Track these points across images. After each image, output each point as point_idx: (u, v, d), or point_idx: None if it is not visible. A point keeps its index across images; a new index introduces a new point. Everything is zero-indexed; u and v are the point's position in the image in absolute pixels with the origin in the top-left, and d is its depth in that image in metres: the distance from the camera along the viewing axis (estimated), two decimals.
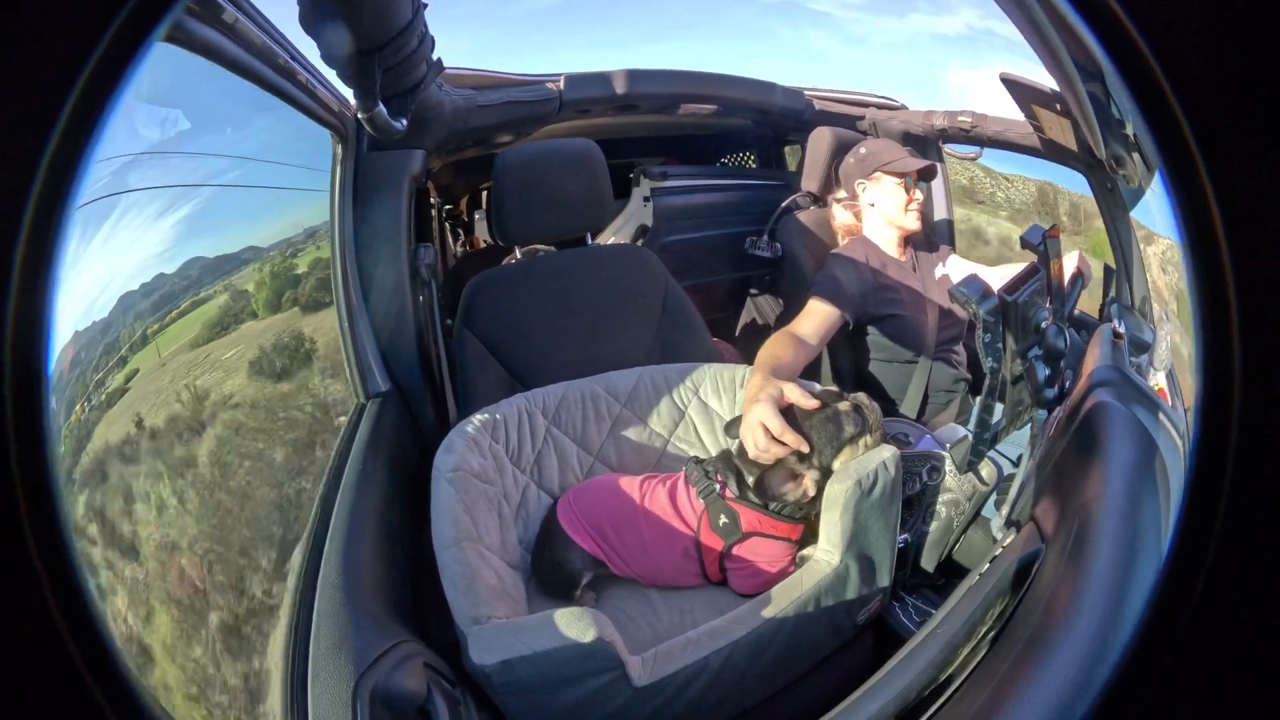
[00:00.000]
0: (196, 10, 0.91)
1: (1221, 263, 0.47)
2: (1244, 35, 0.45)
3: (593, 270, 2.06)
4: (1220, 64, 0.46)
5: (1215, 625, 0.50)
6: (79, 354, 0.86)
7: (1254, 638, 0.49)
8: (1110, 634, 0.65)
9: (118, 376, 0.94)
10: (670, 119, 3.00)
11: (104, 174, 0.84)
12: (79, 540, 0.59)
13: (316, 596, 1.09)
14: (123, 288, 0.96)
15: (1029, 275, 1.12)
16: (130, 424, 0.96)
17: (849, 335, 2.20)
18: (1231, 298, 0.47)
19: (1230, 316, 0.47)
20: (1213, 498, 0.49)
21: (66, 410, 0.84)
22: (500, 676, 1.11)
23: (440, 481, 1.39)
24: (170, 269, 1.10)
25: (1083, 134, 1.43)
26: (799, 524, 1.45)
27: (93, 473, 0.86)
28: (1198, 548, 0.49)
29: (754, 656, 1.24)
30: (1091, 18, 0.49)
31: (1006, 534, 1.15)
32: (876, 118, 2.85)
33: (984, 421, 1.20)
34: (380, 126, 1.59)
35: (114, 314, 0.93)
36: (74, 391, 0.84)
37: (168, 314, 1.09)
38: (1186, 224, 0.48)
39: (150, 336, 1.03)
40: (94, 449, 0.87)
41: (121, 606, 0.84)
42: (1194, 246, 0.48)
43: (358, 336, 1.79)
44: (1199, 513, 0.49)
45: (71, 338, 0.83)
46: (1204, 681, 0.51)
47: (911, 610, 1.52)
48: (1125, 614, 0.67)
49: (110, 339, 0.93)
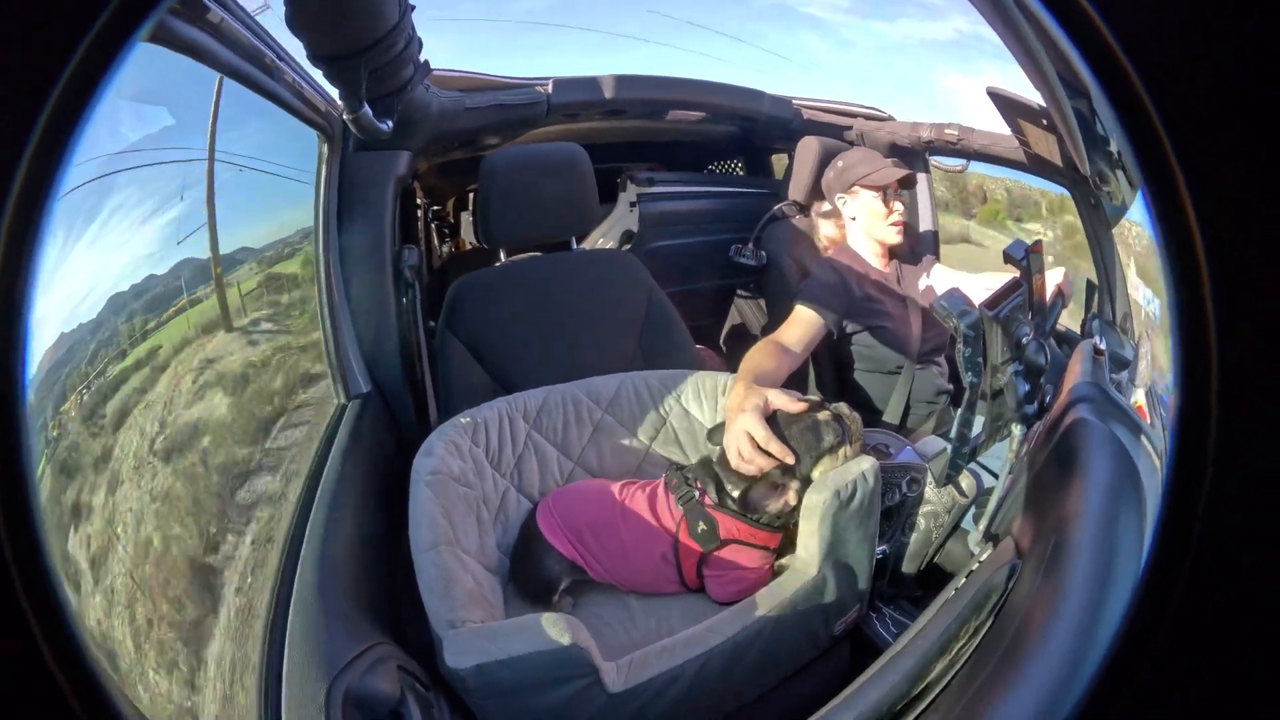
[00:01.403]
0: (181, 10, 0.90)
1: (1201, 280, 0.47)
2: (1228, 52, 0.46)
3: (577, 275, 2.06)
4: (1204, 81, 0.47)
5: (1191, 642, 0.50)
6: (64, 356, 0.85)
7: (1229, 655, 0.50)
8: (1085, 650, 0.66)
9: (104, 378, 0.93)
10: (658, 125, 3.00)
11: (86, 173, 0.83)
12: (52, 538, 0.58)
13: (292, 597, 1.08)
14: (112, 288, 0.96)
15: (1011, 290, 1.12)
16: (110, 424, 0.95)
17: (832, 344, 2.21)
18: (1210, 315, 0.47)
19: (1209, 333, 0.47)
20: (1189, 515, 0.49)
21: (54, 409, 0.83)
22: (475, 680, 1.10)
23: (419, 484, 1.39)
24: (161, 270, 1.09)
25: (1068, 150, 1.44)
26: (777, 532, 1.45)
27: (69, 470, 0.85)
28: (1173, 565, 0.50)
29: (730, 665, 1.24)
30: (1076, 34, 0.49)
31: (984, 547, 1.15)
32: (864, 128, 2.86)
33: (963, 435, 1.20)
34: (366, 127, 1.59)
35: (103, 314, 0.93)
36: (58, 392, 0.83)
37: (161, 314, 1.08)
38: (1167, 241, 0.49)
39: (140, 336, 1.02)
40: (73, 450, 0.86)
41: (94, 605, 0.83)
42: (1174, 264, 0.48)
43: (340, 337, 1.77)
44: (1175, 530, 0.50)
45: (56, 340, 0.82)
46: (1179, 698, 0.51)
47: (889, 621, 1.52)
48: (1100, 630, 0.67)
49: (100, 339, 0.92)
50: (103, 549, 0.87)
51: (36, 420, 0.79)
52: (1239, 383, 0.47)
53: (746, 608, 1.30)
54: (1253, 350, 0.47)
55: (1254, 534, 0.48)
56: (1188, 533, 0.49)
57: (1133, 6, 0.47)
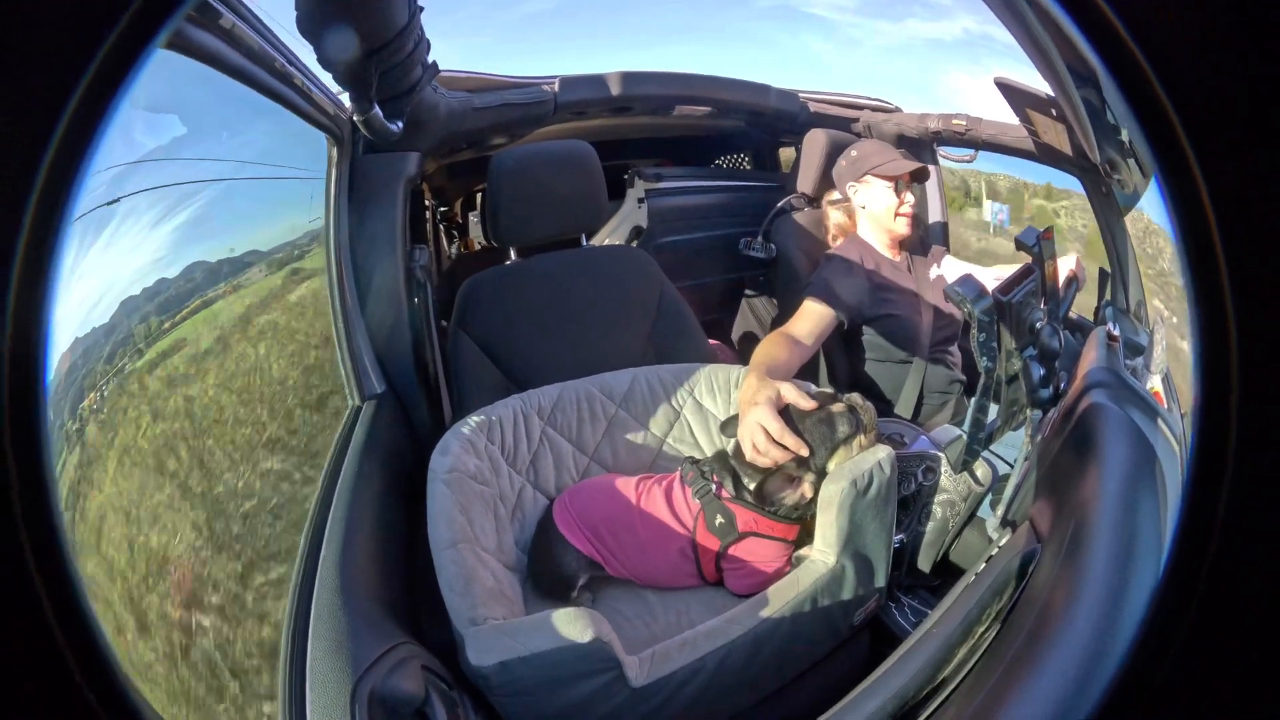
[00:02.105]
0: (195, 16, 0.91)
1: (1218, 267, 0.47)
2: (1239, 39, 0.46)
3: (587, 271, 2.07)
4: (1215, 68, 0.46)
5: (1218, 626, 0.50)
6: (80, 358, 0.85)
7: (1257, 639, 0.50)
8: (1109, 633, 0.66)
9: (118, 380, 0.94)
10: (665, 121, 3.00)
11: (103, 181, 0.84)
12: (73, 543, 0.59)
13: (313, 599, 1.09)
14: (124, 292, 0.96)
15: (1024, 276, 1.12)
16: (129, 428, 0.96)
17: (844, 336, 2.21)
18: (1228, 301, 0.47)
19: (1228, 319, 0.47)
20: (1213, 501, 0.49)
21: (71, 411, 0.84)
22: (498, 678, 1.11)
23: (436, 483, 1.39)
24: (172, 273, 1.10)
25: (1077, 139, 1.44)
26: (795, 524, 1.46)
27: (89, 476, 0.86)
28: (1198, 550, 0.50)
29: (750, 657, 1.24)
30: (1085, 23, 0.49)
31: (1002, 534, 1.15)
32: (871, 120, 2.86)
33: (979, 422, 1.20)
34: (376, 129, 1.60)
35: (117, 317, 0.93)
36: (75, 394, 0.84)
37: (174, 315, 1.09)
38: (1182, 228, 0.49)
39: (152, 339, 1.03)
40: (90, 453, 0.87)
41: (116, 610, 0.84)
42: (1190, 251, 0.48)
43: (353, 338, 1.78)
44: (1199, 515, 0.50)
45: (71, 344, 0.83)
46: (1207, 683, 0.51)
47: (908, 611, 1.52)
48: (1123, 614, 0.67)
49: (114, 342, 0.93)
50: (121, 548, 0.88)
51: (55, 420, 0.80)
52: (1259, 366, 0.47)
53: (766, 599, 1.30)
54: (1273, 333, 0.47)
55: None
56: (1212, 518, 0.49)
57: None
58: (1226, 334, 0.47)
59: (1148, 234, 1.38)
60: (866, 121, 2.87)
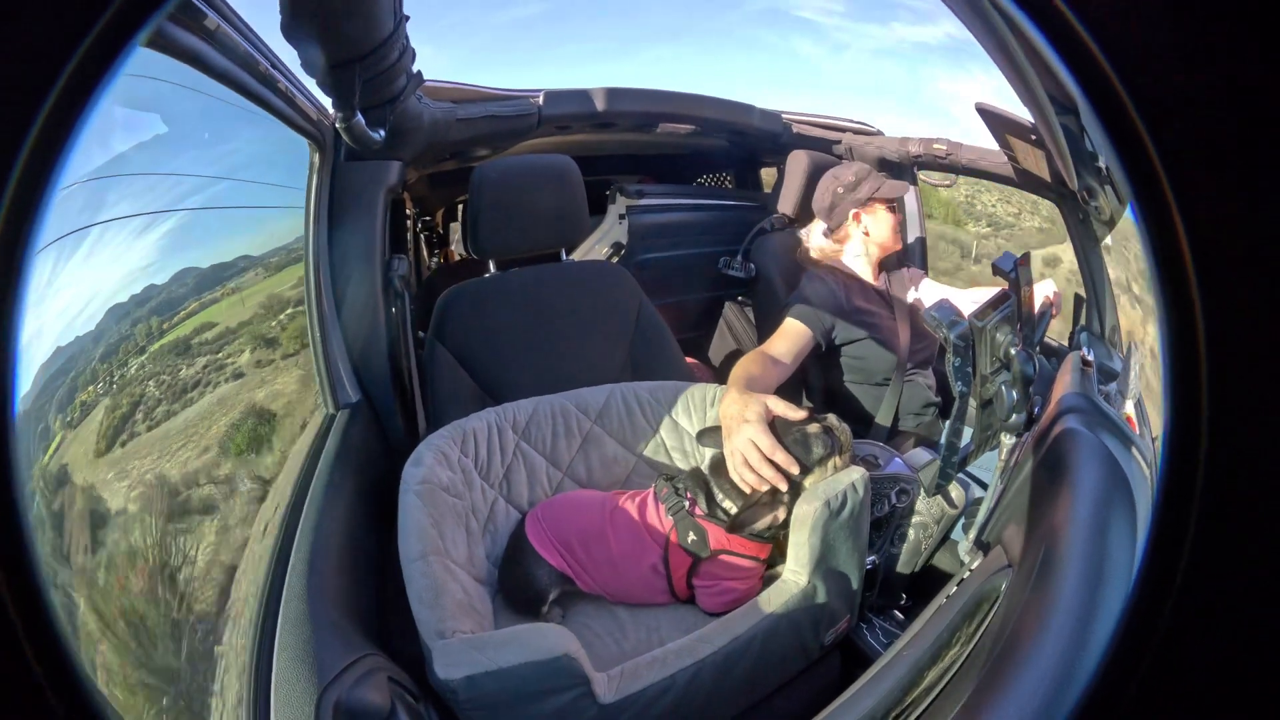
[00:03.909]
0: (178, 16, 0.90)
1: (1190, 293, 0.47)
2: (1217, 69, 0.46)
3: (566, 286, 2.07)
4: (1192, 97, 0.47)
5: (1184, 651, 0.50)
6: (63, 367, 0.84)
7: (1222, 663, 0.50)
8: (1077, 657, 0.66)
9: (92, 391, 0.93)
10: (648, 138, 3.02)
11: (80, 193, 0.83)
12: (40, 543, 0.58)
13: (281, 608, 1.08)
14: (110, 300, 0.95)
15: (1000, 302, 1.13)
16: (99, 435, 0.94)
17: (821, 356, 2.22)
18: (1199, 325, 0.48)
19: (1198, 343, 0.48)
20: (1181, 525, 0.49)
21: (55, 413, 0.83)
22: (465, 691, 1.10)
23: (408, 494, 1.38)
24: (160, 280, 1.09)
25: (1056, 165, 1.45)
26: (767, 543, 1.45)
27: (57, 478, 0.85)
28: (1166, 572, 0.50)
29: (721, 675, 1.23)
30: (1064, 50, 0.50)
31: (974, 556, 1.16)
32: (853, 143, 2.88)
33: (953, 445, 1.20)
34: (358, 137, 1.59)
35: (103, 324, 0.92)
36: (55, 403, 0.83)
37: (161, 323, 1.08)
38: (1156, 255, 0.49)
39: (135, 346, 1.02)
40: (62, 457, 0.86)
41: (81, 613, 0.83)
42: (1163, 278, 0.49)
43: (329, 346, 1.77)
44: (1167, 539, 0.50)
45: (53, 353, 0.82)
46: (1173, 706, 0.51)
47: (879, 631, 1.53)
48: (1092, 637, 0.67)
49: (100, 350, 0.92)
50: (91, 555, 0.87)
51: (37, 426, 0.79)
52: (1229, 392, 0.48)
53: (737, 618, 1.30)
54: (1243, 358, 0.47)
55: (1247, 544, 0.49)
56: (1180, 542, 0.49)
57: (1121, 21, 0.47)
58: (1197, 355, 0.48)
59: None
60: (849, 144, 2.90)
